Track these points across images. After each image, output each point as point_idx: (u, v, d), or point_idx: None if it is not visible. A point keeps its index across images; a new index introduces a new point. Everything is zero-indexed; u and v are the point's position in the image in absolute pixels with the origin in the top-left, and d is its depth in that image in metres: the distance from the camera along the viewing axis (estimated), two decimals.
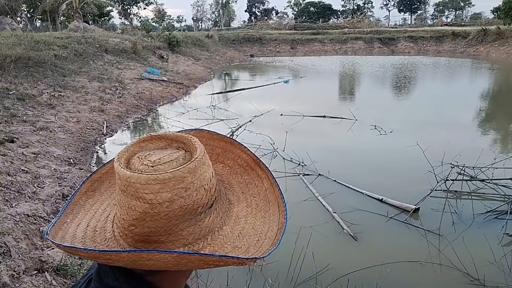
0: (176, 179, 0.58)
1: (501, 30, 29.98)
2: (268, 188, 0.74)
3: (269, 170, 0.76)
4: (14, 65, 8.75)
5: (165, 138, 0.68)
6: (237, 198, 0.72)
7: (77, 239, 0.65)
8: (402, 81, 16.60)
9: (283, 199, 0.71)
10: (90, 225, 0.68)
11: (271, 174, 0.76)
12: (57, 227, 0.67)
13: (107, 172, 0.77)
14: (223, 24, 62.91)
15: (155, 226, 0.60)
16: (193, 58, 22.10)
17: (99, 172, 0.77)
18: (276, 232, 0.66)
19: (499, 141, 7.59)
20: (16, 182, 4.01)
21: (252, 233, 0.66)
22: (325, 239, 3.80)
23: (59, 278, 2.69)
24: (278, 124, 8.25)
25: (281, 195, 0.72)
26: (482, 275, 3.07)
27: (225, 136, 0.81)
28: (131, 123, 8.83)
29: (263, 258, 0.61)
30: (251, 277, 3.14)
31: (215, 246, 0.62)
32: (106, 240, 0.65)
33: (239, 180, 0.76)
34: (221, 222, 0.66)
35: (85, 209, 0.72)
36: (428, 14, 76.17)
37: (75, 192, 0.74)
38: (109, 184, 0.75)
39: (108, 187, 0.75)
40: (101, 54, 14.00)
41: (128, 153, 0.64)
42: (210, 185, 0.64)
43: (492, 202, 4.45)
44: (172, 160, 0.61)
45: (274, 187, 0.74)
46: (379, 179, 5.29)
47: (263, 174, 0.76)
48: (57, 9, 28.51)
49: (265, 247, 0.63)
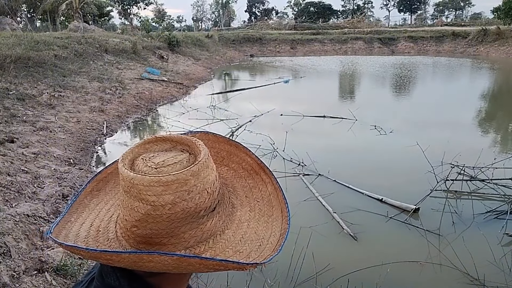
0: (179, 182, 0.58)
1: (501, 30, 29.98)
2: (272, 193, 0.74)
3: (273, 175, 0.76)
4: (14, 65, 8.75)
5: (170, 140, 0.68)
6: (241, 202, 0.72)
7: (80, 239, 0.66)
8: (402, 81, 16.60)
9: (286, 204, 0.71)
10: (94, 224, 0.69)
11: (275, 179, 0.76)
12: (61, 225, 0.67)
13: (112, 172, 0.77)
14: (223, 24, 62.91)
15: (157, 228, 0.60)
16: (193, 58, 22.10)
17: (104, 172, 0.77)
18: (279, 238, 0.66)
19: (499, 141, 7.59)
20: (16, 182, 4.01)
21: (254, 238, 0.66)
22: (325, 239, 3.80)
23: (59, 278, 2.69)
24: (278, 124, 8.25)
25: (284, 200, 0.72)
26: (482, 275, 3.07)
27: (230, 139, 0.82)
28: (131, 123, 8.83)
29: (264, 264, 0.61)
30: (251, 277, 3.14)
31: (216, 249, 0.62)
32: (109, 240, 0.65)
33: (243, 184, 0.76)
34: (223, 226, 0.66)
35: (90, 208, 0.72)
36: (428, 14, 76.20)
37: (80, 191, 0.74)
38: (114, 184, 0.76)
39: (113, 187, 0.75)
40: (101, 54, 14.00)
41: (132, 154, 0.64)
42: (213, 189, 0.64)
43: (492, 202, 4.45)
44: (175, 162, 0.61)
45: (278, 192, 0.74)
46: (379, 179, 5.28)
47: (267, 179, 0.76)
48: (57, 9, 28.51)
49: (267, 253, 0.63)
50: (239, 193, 0.74)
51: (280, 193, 0.73)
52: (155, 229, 0.60)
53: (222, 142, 0.80)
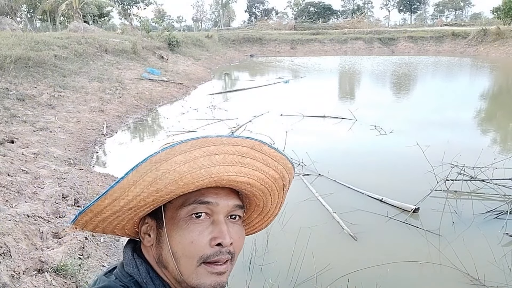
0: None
1: (501, 30, 29.98)
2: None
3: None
4: (14, 65, 8.75)
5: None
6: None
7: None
8: (402, 81, 16.60)
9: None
10: None
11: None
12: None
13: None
14: (223, 24, 62.91)
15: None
16: (193, 58, 22.11)
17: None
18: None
19: (499, 141, 7.59)
20: (16, 182, 4.00)
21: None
22: (325, 239, 3.80)
23: (59, 279, 2.69)
24: (278, 124, 8.26)
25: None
26: (482, 275, 3.07)
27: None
28: (131, 123, 8.82)
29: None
30: (251, 277, 3.14)
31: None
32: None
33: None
34: None
35: None
36: (428, 14, 76.20)
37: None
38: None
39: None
40: (101, 54, 14.00)
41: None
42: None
43: (492, 202, 4.45)
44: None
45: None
46: (379, 179, 5.28)
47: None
48: (57, 9, 28.47)
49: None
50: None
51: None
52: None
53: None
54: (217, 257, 0.67)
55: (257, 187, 0.71)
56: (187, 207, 0.68)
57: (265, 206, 0.78)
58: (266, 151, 0.68)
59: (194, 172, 0.63)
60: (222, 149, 0.65)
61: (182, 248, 0.67)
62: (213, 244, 0.67)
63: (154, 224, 0.71)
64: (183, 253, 0.67)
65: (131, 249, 0.73)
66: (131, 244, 0.75)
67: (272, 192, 0.75)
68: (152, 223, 0.72)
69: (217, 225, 0.69)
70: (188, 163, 0.62)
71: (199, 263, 0.67)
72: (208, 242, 0.67)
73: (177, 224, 0.68)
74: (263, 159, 0.68)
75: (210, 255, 0.67)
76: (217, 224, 0.69)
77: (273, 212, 0.81)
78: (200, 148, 0.63)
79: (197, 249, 0.67)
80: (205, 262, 0.67)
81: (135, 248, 0.74)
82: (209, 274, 0.68)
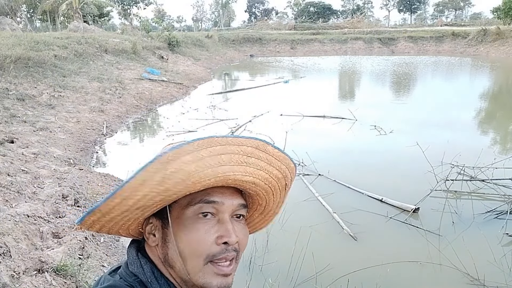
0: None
1: (500, 30, 29.99)
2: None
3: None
4: (14, 65, 8.75)
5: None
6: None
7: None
8: (402, 81, 16.60)
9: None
10: None
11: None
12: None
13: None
14: (223, 24, 62.91)
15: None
16: (193, 58, 22.11)
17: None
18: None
19: (499, 141, 7.59)
20: (16, 182, 4.00)
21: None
22: (325, 239, 3.80)
23: (59, 279, 2.69)
24: (278, 124, 8.26)
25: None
26: (482, 275, 3.07)
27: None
28: (131, 123, 8.82)
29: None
30: (251, 277, 3.14)
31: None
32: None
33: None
34: None
35: None
36: (428, 14, 76.19)
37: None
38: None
39: None
40: (101, 54, 14.00)
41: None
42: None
43: (492, 202, 4.45)
44: None
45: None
46: (379, 179, 5.28)
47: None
48: (57, 9, 28.47)
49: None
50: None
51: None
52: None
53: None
54: (223, 255, 0.69)
55: (261, 186, 0.72)
56: (194, 206, 0.69)
57: (267, 205, 0.79)
58: (270, 151, 0.69)
59: (201, 171, 0.63)
60: (228, 149, 0.66)
61: (189, 247, 0.68)
62: (219, 243, 0.68)
63: (159, 224, 0.72)
64: (190, 252, 0.68)
65: (135, 249, 0.74)
66: (135, 244, 0.76)
67: (275, 192, 0.76)
68: (157, 223, 0.72)
69: (223, 224, 0.70)
70: (195, 163, 0.63)
71: (206, 261, 0.68)
72: (215, 241, 0.68)
73: (184, 223, 0.69)
74: (267, 159, 0.70)
75: (217, 253, 0.68)
76: (223, 223, 0.70)
77: (274, 211, 0.82)
78: (207, 148, 0.64)
79: (204, 248, 0.68)
80: (212, 260, 0.68)
81: (139, 248, 0.75)
82: (216, 275, 0.68)
